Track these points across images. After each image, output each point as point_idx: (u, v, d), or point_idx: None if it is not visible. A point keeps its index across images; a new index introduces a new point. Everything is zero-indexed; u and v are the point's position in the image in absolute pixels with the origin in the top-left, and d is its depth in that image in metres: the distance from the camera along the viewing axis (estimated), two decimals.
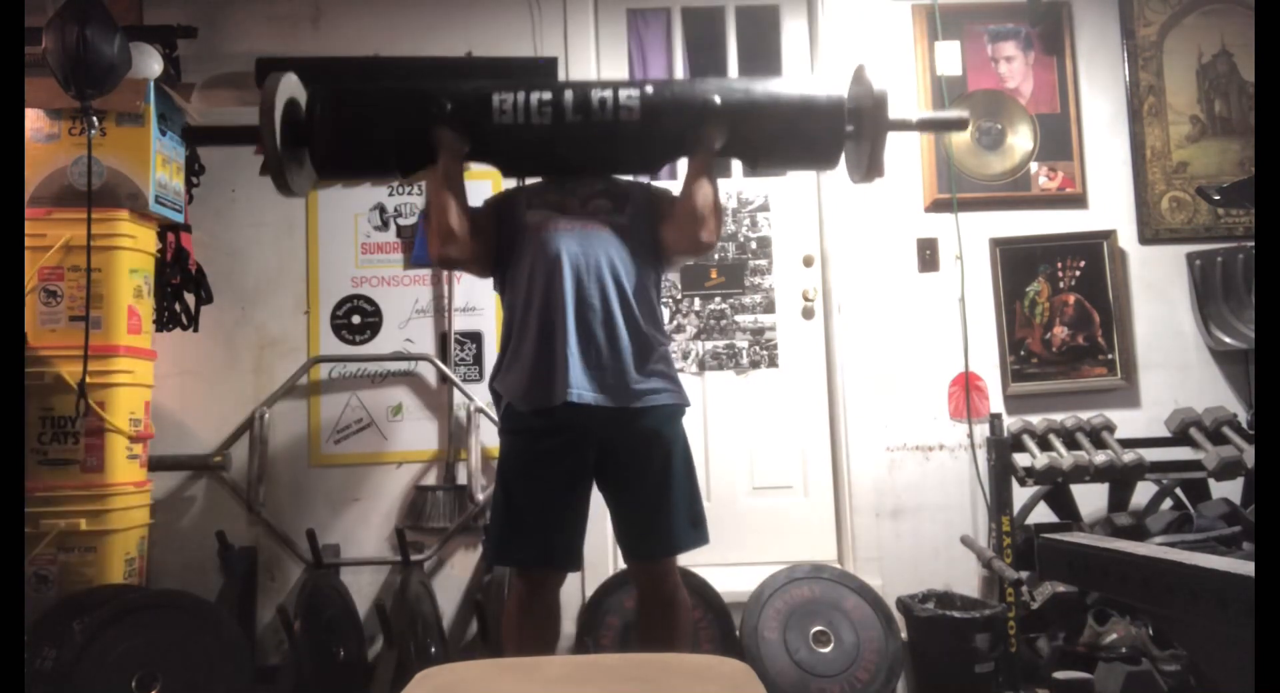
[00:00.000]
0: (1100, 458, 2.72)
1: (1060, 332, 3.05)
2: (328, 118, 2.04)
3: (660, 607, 2.07)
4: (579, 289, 1.96)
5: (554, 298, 1.96)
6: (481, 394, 2.92)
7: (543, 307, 1.97)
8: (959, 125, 2.26)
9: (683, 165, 2.16)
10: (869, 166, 2.06)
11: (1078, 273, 3.07)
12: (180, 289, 2.89)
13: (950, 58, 3.12)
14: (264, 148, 1.97)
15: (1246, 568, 1.40)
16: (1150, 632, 2.51)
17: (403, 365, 3.02)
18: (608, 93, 2.02)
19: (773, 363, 3.13)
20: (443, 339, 3.02)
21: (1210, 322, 3.02)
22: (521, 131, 2.02)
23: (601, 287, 1.97)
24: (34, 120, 2.58)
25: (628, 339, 1.97)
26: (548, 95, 2.01)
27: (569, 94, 2.02)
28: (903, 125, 2.14)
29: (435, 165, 2.02)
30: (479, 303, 3.04)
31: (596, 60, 3.17)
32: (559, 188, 2.12)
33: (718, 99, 2.01)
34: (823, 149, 2.11)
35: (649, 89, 2.04)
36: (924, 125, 2.38)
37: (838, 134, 2.08)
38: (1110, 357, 3.05)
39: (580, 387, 1.92)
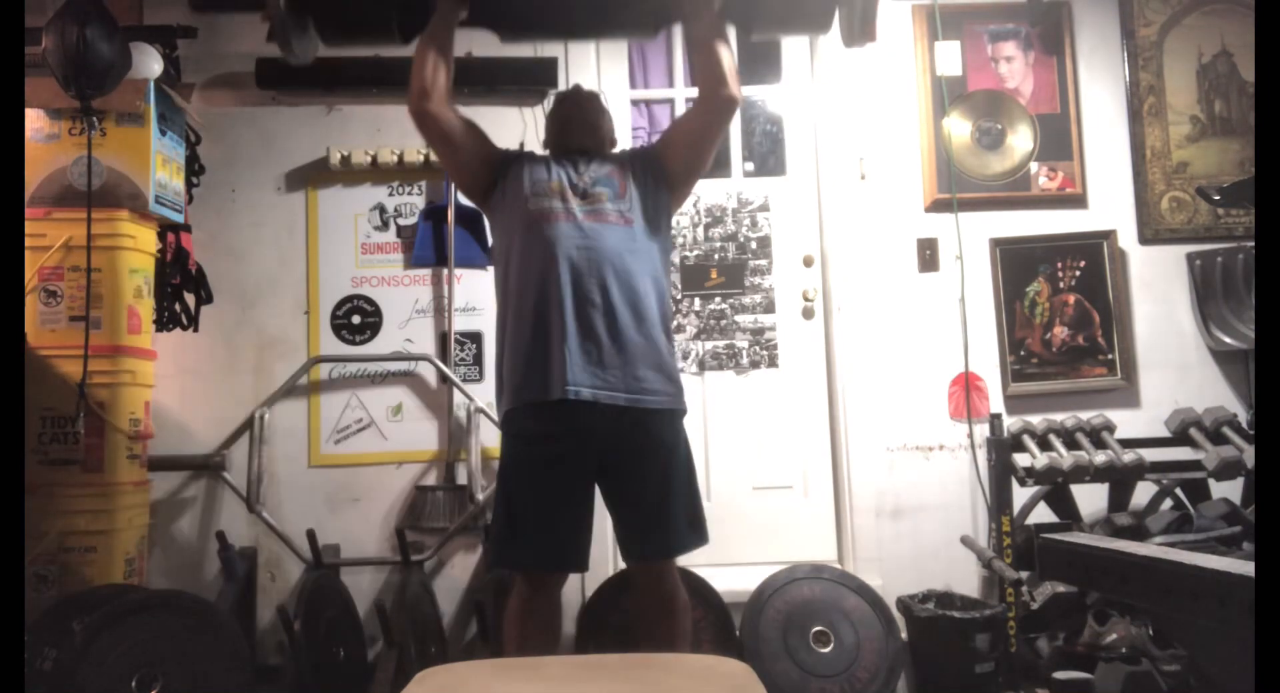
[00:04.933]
0: (1100, 458, 2.72)
1: (1060, 332, 3.05)
2: None
3: (660, 608, 2.06)
4: (580, 284, 1.95)
5: (552, 293, 1.95)
6: (481, 394, 2.93)
7: (540, 302, 1.95)
8: None
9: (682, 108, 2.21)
10: (861, 28, 2.10)
11: (1078, 273, 3.07)
12: (180, 289, 2.89)
13: (950, 58, 3.12)
14: (269, 12, 2.01)
15: (1246, 568, 1.41)
16: (1150, 632, 2.50)
17: (403, 365, 3.02)
18: None
19: (773, 363, 3.13)
20: (443, 339, 3.02)
21: (1210, 322, 3.01)
22: None
23: (603, 282, 1.96)
24: (34, 120, 2.58)
25: (629, 337, 1.96)
26: None
27: None
28: None
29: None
30: (479, 303, 3.04)
31: (596, 61, 3.17)
32: (560, 172, 2.08)
33: None
34: (816, 8, 2.15)
35: None
36: None
37: None
38: (1110, 357, 3.05)
39: (579, 384, 1.91)
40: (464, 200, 2.96)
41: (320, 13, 2.12)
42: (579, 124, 2.19)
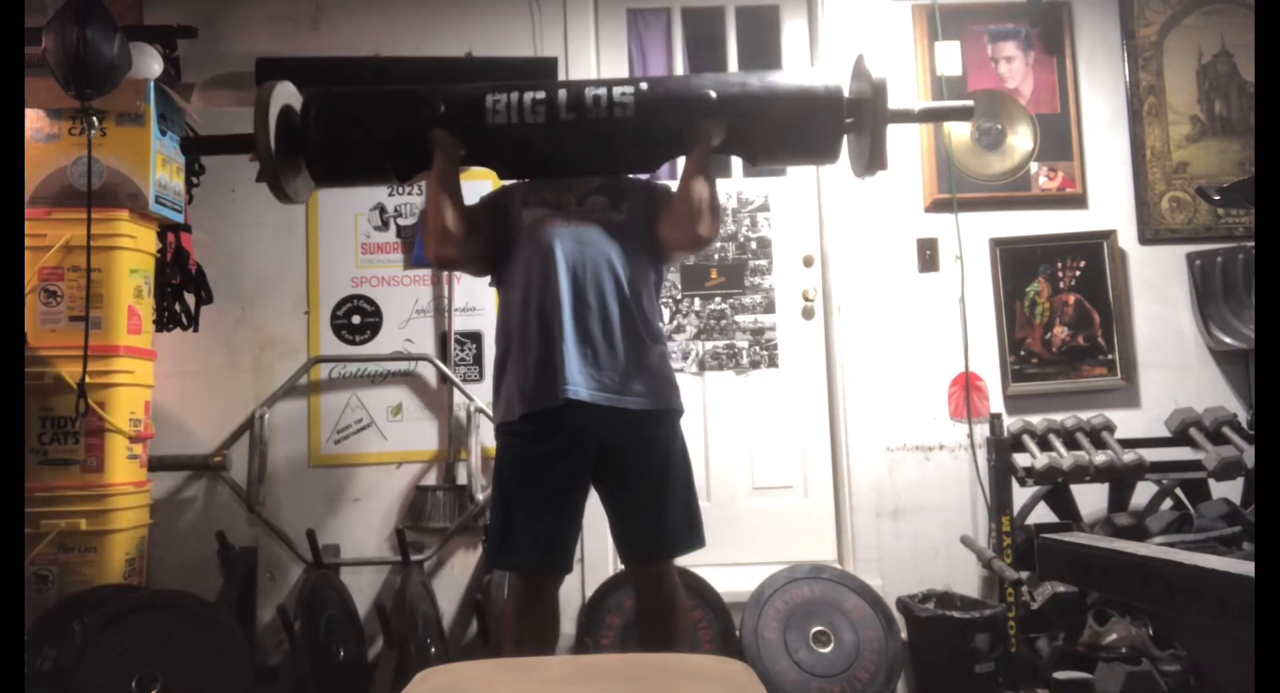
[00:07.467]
0: (1100, 458, 2.72)
1: (1060, 332, 3.05)
2: (321, 124, 2.03)
3: (659, 609, 2.06)
4: (576, 288, 1.95)
5: (550, 297, 1.94)
6: (481, 394, 2.93)
7: (540, 307, 1.95)
8: (963, 114, 2.18)
9: (681, 165, 2.16)
10: (870, 159, 2.00)
11: (1078, 273, 3.07)
12: (180, 289, 2.89)
13: (950, 58, 3.12)
14: (259, 157, 1.96)
15: (1246, 568, 1.41)
16: (1150, 632, 2.51)
17: (403, 365, 3.02)
18: (602, 91, 2.00)
19: (773, 363, 3.13)
20: (443, 339, 3.02)
21: (1210, 322, 3.02)
22: (516, 132, 2.00)
23: (599, 285, 1.96)
24: (34, 120, 2.58)
25: (625, 339, 1.96)
26: (541, 95, 2.00)
27: (563, 93, 2.00)
28: (904, 116, 2.09)
29: (431, 168, 2.02)
30: (479, 303, 3.04)
31: (596, 60, 3.16)
32: (555, 185, 2.11)
33: (713, 94, 1.98)
34: (823, 143, 2.06)
35: (644, 86, 2.02)
36: (926, 115, 2.30)
37: (837, 126, 2.03)
38: (1110, 357, 3.05)
39: (577, 384, 1.91)
40: None
41: (312, 160, 2.06)
42: None
